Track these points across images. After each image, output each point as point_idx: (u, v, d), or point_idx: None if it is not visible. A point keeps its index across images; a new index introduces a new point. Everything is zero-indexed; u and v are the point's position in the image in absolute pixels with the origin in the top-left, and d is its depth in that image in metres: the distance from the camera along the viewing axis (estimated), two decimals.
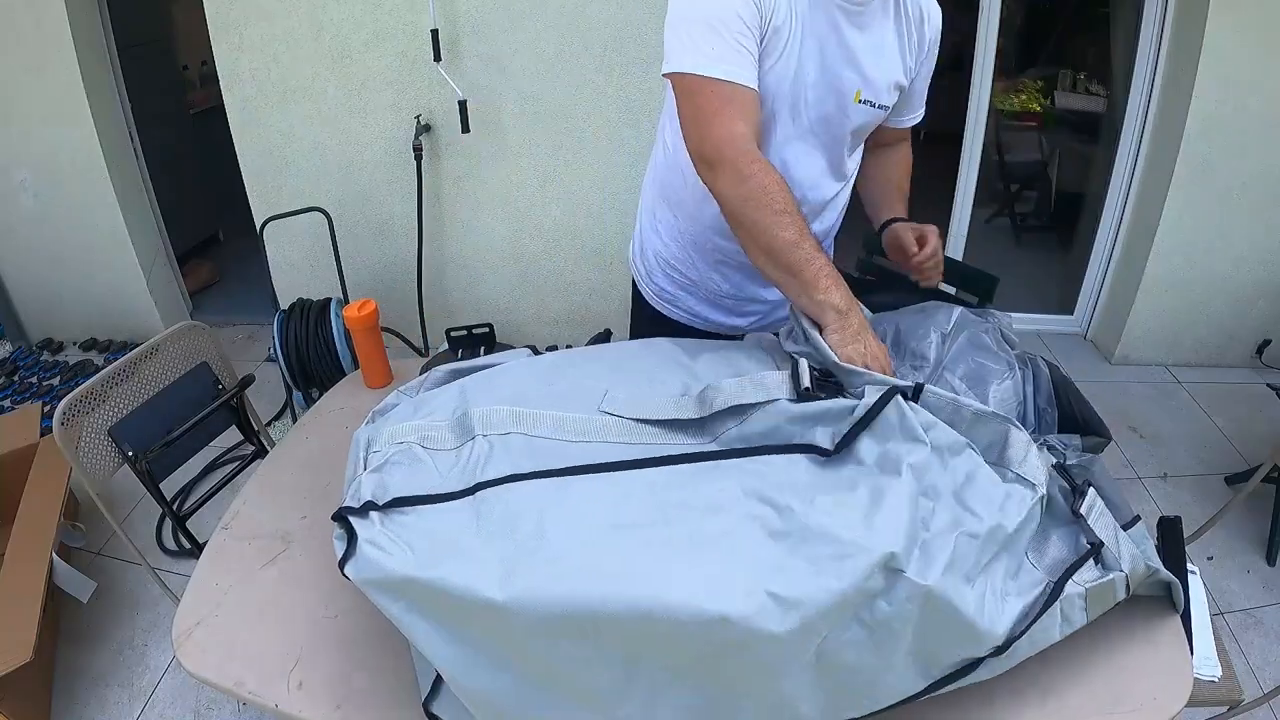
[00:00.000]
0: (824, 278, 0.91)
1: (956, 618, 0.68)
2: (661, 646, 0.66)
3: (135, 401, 1.35)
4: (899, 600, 0.67)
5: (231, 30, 2.51)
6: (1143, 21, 2.50)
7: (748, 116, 0.95)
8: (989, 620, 0.70)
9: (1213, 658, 1.17)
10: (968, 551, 0.71)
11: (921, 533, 0.70)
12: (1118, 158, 2.72)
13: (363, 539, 0.74)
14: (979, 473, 0.77)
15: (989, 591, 0.72)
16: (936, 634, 0.69)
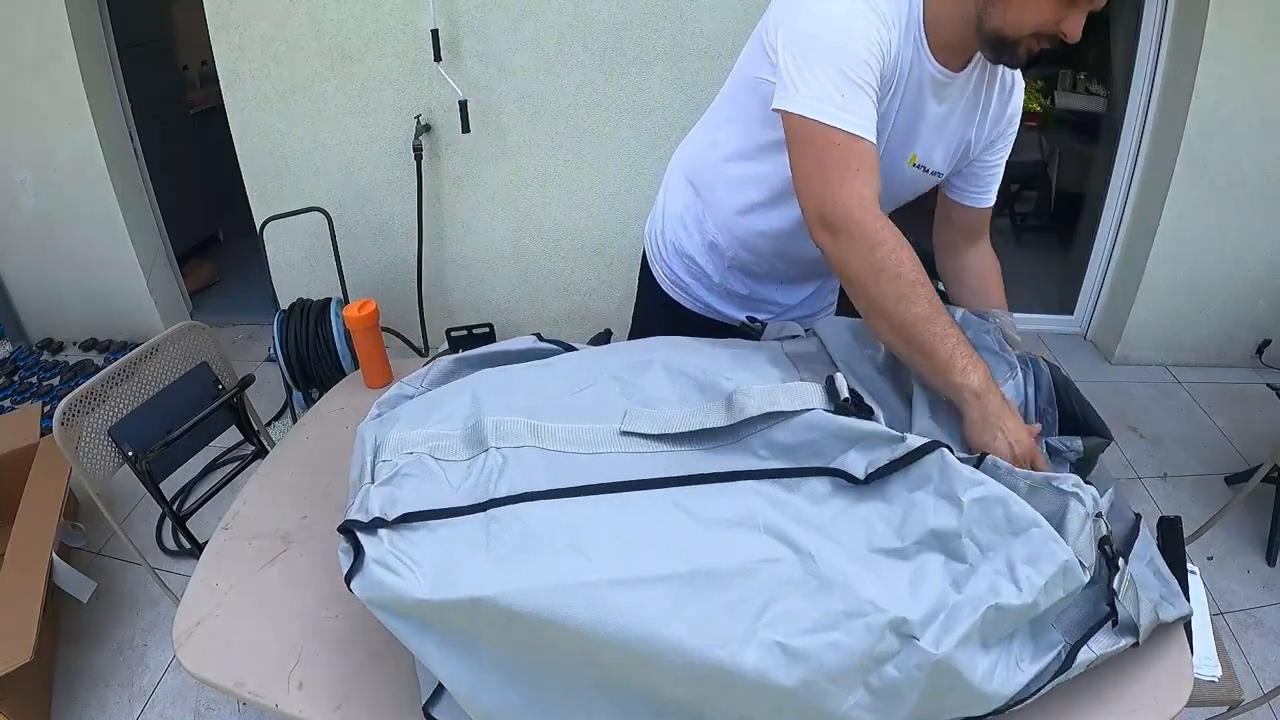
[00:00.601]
0: (960, 357, 0.84)
1: (964, 685, 0.67)
2: (667, 681, 0.66)
3: (135, 401, 1.35)
4: (908, 667, 0.65)
5: (231, 30, 2.51)
6: (1143, 21, 2.50)
7: (873, 178, 0.88)
8: (997, 685, 0.69)
9: (1213, 658, 1.17)
10: (995, 620, 0.68)
11: (951, 596, 0.68)
12: (1118, 158, 2.72)
13: (371, 557, 0.72)
14: (1044, 549, 0.71)
15: (1003, 658, 0.70)
16: (940, 697, 0.68)
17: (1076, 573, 0.70)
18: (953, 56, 0.96)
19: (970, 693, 0.68)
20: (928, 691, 0.67)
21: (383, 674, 0.86)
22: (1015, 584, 0.68)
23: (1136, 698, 0.78)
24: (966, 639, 0.66)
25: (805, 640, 0.64)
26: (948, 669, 0.65)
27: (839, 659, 0.64)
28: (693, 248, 1.24)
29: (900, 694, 0.66)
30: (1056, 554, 0.70)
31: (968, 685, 0.67)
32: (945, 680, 0.66)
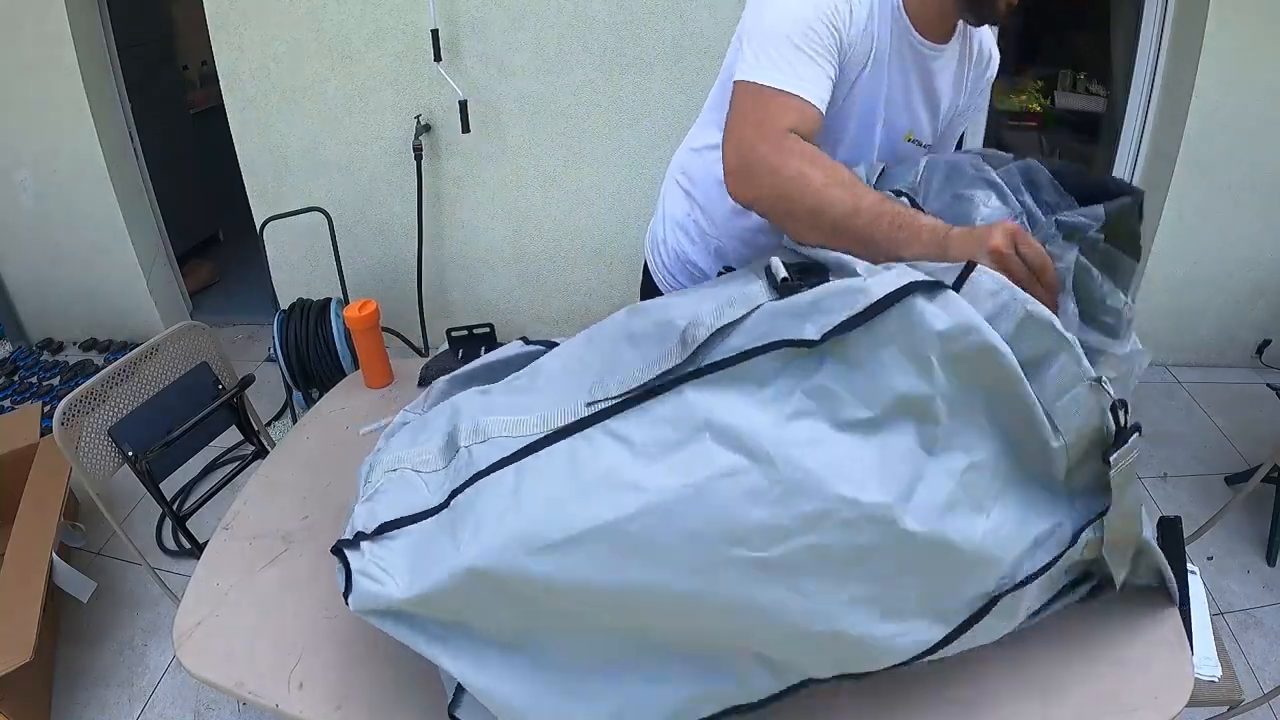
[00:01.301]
0: (899, 230, 0.77)
1: (965, 554, 0.64)
2: (652, 621, 0.67)
3: (135, 401, 1.35)
4: (896, 552, 0.62)
5: (231, 30, 2.51)
6: (1143, 21, 2.49)
7: (801, 127, 0.86)
8: (1004, 546, 0.65)
9: (1213, 658, 1.17)
10: (977, 482, 0.65)
11: (926, 466, 0.64)
12: (1118, 158, 2.72)
13: (355, 570, 0.74)
14: (1015, 395, 0.65)
15: (1003, 519, 0.66)
16: (944, 573, 0.65)
17: (1042, 430, 0.65)
18: (935, 29, 0.98)
19: (975, 560, 0.64)
20: (927, 571, 0.64)
21: (383, 674, 0.86)
22: (991, 440, 0.65)
23: (1136, 698, 0.78)
24: (952, 507, 0.63)
25: (780, 551, 0.61)
26: (940, 543, 0.62)
27: (819, 563, 0.61)
28: (696, 254, 1.23)
29: (897, 581, 0.63)
30: (1035, 412, 0.65)
31: (969, 553, 0.63)
32: (942, 555, 0.63)
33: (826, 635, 0.65)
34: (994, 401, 0.66)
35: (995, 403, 0.66)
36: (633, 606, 0.66)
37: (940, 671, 0.82)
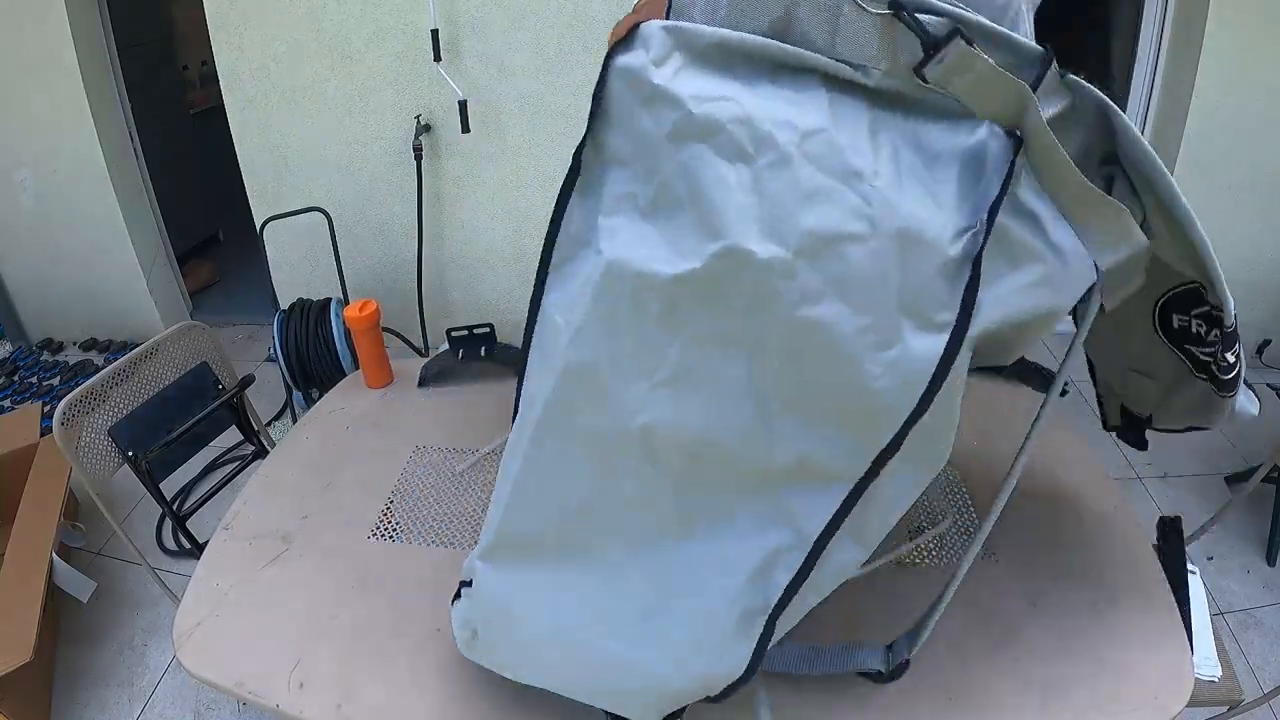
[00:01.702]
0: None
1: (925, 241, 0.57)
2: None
3: (135, 401, 1.35)
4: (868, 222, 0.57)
5: (231, 30, 2.51)
6: (1143, 21, 2.49)
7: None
8: (936, 227, 0.58)
9: (1213, 658, 1.17)
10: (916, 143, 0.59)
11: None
12: None
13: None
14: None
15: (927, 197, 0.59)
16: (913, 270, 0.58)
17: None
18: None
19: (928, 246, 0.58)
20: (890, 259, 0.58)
21: (383, 674, 0.86)
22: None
23: (1136, 698, 0.78)
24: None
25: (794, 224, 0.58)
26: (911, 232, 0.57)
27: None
28: None
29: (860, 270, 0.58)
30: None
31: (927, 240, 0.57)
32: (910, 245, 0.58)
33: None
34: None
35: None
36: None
37: (940, 671, 0.82)
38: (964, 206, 0.58)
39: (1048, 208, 0.60)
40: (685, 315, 0.62)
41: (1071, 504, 1.05)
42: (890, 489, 0.64)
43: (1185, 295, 0.76)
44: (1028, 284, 0.59)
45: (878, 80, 0.58)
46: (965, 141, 0.59)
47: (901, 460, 0.62)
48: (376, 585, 0.97)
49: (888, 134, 0.59)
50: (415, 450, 1.23)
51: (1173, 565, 0.89)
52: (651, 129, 0.60)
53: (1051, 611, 0.89)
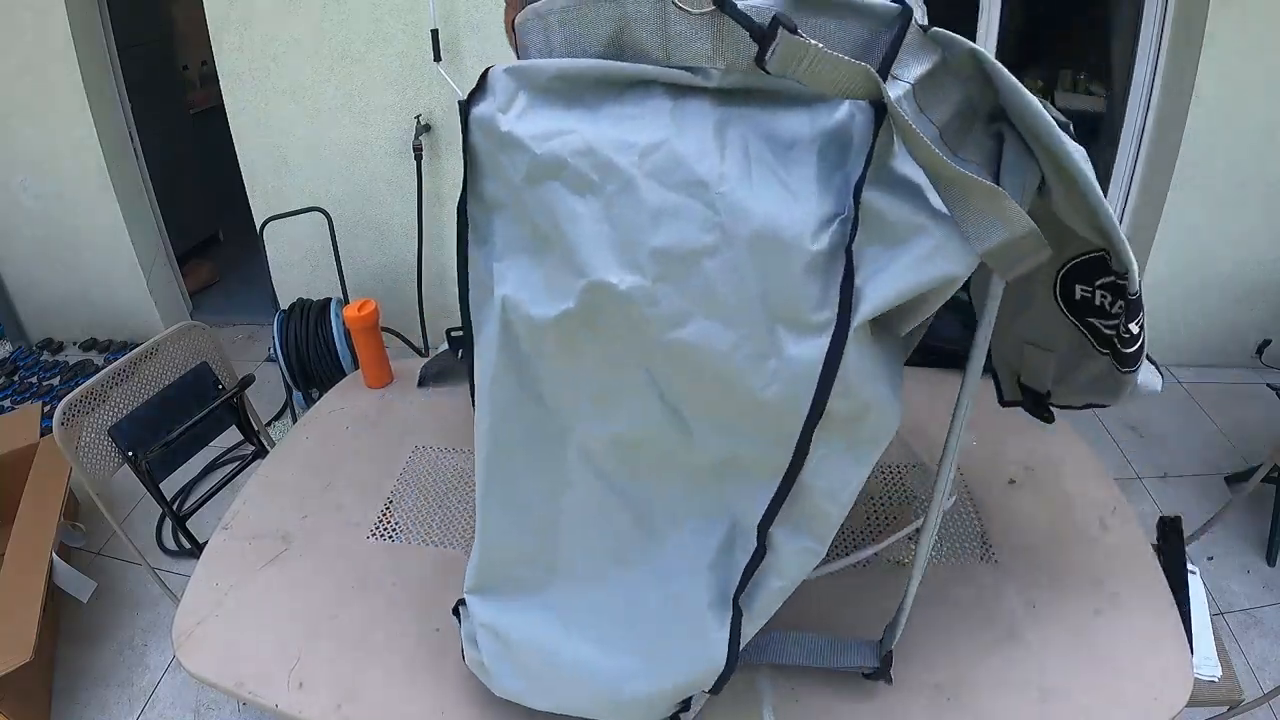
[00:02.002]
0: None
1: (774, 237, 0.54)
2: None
3: (135, 401, 1.35)
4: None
5: (231, 30, 2.51)
6: (1143, 21, 2.49)
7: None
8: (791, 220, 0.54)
9: (1213, 658, 1.17)
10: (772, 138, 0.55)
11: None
12: (1118, 158, 2.72)
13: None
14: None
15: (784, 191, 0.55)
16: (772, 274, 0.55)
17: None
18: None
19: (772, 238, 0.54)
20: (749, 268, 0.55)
21: (383, 673, 0.86)
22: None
23: (1137, 698, 0.78)
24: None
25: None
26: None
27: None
28: None
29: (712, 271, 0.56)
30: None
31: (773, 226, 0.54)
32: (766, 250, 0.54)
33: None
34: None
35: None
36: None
37: (940, 671, 0.82)
38: (827, 194, 0.54)
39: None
40: (581, 346, 0.63)
41: (1071, 504, 1.05)
42: (826, 477, 0.62)
43: (1089, 264, 0.70)
44: (915, 259, 0.54)
45: (719, 80, 0.55)
46: (825, 123, 0.54)
47: (827, 446, 0.60)
48: (376, 585, 0.97)
49: (737, 129, 0.55)
50: (415, 450, 1.23)
51: (1173, 565, 0.89)
52: (512, 174, 0.61)
53: (1051, 612, 0.89)
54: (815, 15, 0.52)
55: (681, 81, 0.56)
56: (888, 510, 1.07)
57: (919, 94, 0.53)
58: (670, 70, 0.56)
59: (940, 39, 0.54)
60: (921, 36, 0.53)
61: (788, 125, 0.55)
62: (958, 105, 0.55)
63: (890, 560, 0.98)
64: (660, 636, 0.71)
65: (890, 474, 1.14)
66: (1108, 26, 3.06)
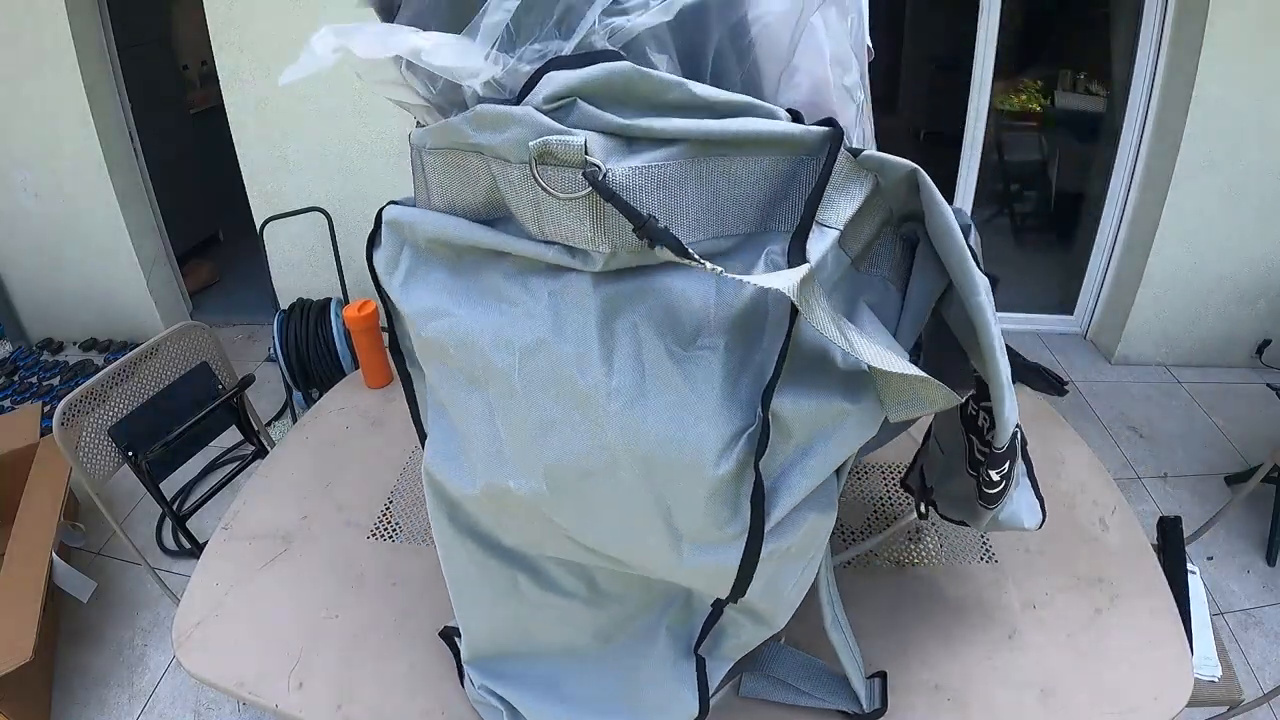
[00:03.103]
0: None
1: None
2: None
3: (135, 401, 1.35)
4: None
5: (231, 30, 2.51)
6: (1143, 21, 2.49)
7: None
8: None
9: (1213, 658, 1.17)
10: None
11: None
12: (1118, 157, 2.72)
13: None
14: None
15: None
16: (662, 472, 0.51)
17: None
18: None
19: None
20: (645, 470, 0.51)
21: (383, 673, 0.86)
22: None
23: (1137, 698, 0.78)
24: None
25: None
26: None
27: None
28: None
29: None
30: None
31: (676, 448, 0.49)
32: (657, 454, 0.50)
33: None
34: None
35: None
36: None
37: (939, 671, 0.82)
38: (733, 405, 0.48)
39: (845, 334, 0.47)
40: (495, 519, 0.63)
41: (1071, 504, 1.05)
42: (761, 595, 0.60)
43: (983, 383, 0.65)
44: (834, 445, 0.52)
45: (605, 262, 0.47)
46: (733, 301, 0.47)
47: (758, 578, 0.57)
48: (376, 585, 0.97)
49: (627, 319, 0.48)
50: (415, 450, 1.23)
51: (1173, 565, 0.89)
52: (412, 340, 0.59)
53: (1051, 612, 0.89)
54: (721, 157, 0.45)
55: (560, 262, 0.48)
56: (889, 510, 1.07)
57: (845, 235, 0.47)
58: (549, 250, 0.48)
59: (872, 164, 0.48)
60: (852, 164, 0.47)
61: (689, 304, 0.47)
62: (878, 226, 0.51)
63: (891, 561, 0.98)
64: (639, 695, 0.73)
65: (891, 473, 1.14)
66: (1108, 26, 3.06)
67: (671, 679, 0.70)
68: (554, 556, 0.67)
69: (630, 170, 0.44)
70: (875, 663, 0.84)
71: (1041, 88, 3.74)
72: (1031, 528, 0.76)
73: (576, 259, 0.47)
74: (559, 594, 0.69)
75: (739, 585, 0.55)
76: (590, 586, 0.69)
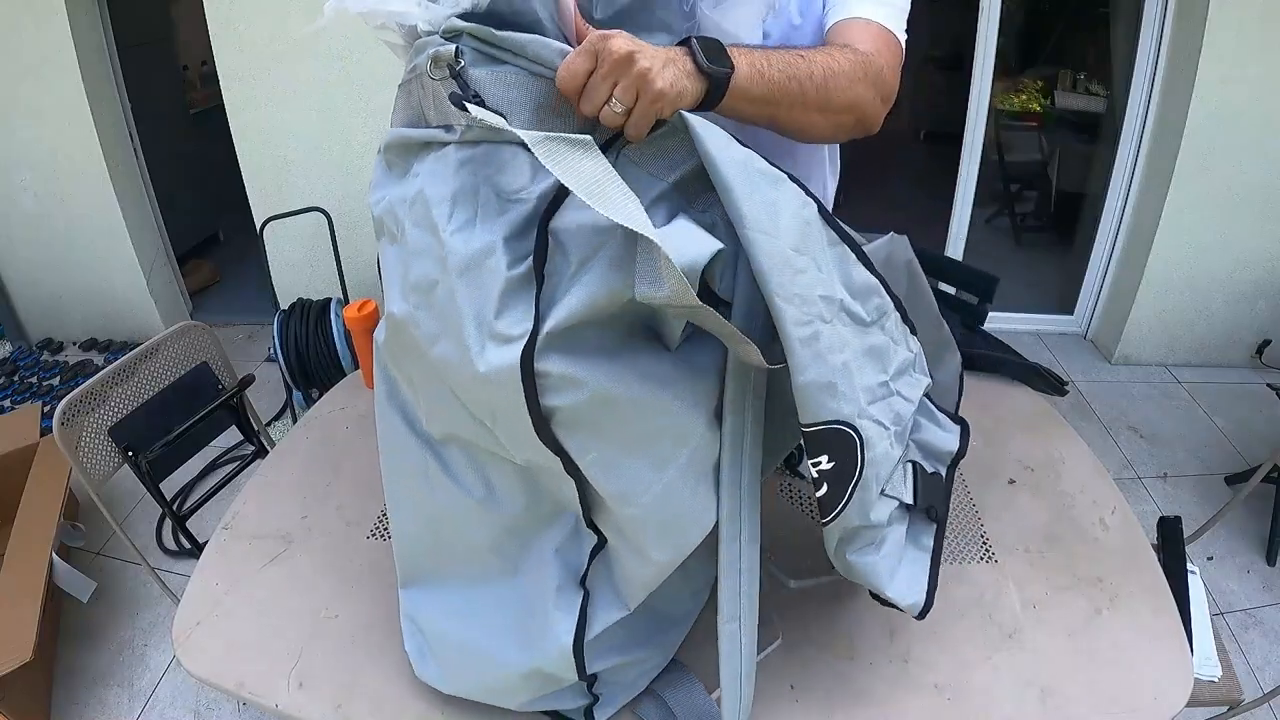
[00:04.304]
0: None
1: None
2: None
3: (135, 401, 1.35)
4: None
5: (231, 30, 2.51)
6: (1143, 21, 2.50)
7: None
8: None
9: (1213, 658, 1.17)
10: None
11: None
12: (1118, 158, 2.72)
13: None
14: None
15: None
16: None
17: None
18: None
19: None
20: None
21: (383, 673, 0.86)
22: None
23: (1136, 698, 0.78)
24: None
25: None
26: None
27: None
28: None
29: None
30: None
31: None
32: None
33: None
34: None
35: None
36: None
37: (939, 671, 0.82)
38: (529, 229, 0.63)
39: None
40: (403, 364, 0.77)
41: (1071, 504, 1.05)
42: (611, 481, 0.65)
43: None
44: (597, 275, 0.61)
45: (462, 134, 0.66)
46: (542, 186, 0.64)
47: (588, 448, 0.64)
48: (376, 585, 0.97)
49: (469, 171, 0.66)
50: None
51: (1173, 565, 0.89)
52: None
53: (1051, 611, 0.89)
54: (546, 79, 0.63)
55: (439, 139, 0.69)
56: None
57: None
58: (437, 131, 0.69)
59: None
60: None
61: (514, 165, 0.65)
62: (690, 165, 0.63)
63: None
64: (524, 620, 0.74)
65: None
66: (1108, 26, 3.06)
67: (554, 607, 0.71)
68: (448, 432, 0.75)
69: (486, 72, 0.65)
70: (875, 663, 0.84)
71: (1041, 88, 3.74)
72: (896, 600, 0.72)
73: (449, 134, 0.67)
74: (460, 488, 0.75)
75: (530, 395, 0.61)
76: (485, 484, 0.75)
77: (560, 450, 0.64)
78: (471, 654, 0.77)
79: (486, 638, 0.76)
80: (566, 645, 0.70)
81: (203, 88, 3.80)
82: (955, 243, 2.93)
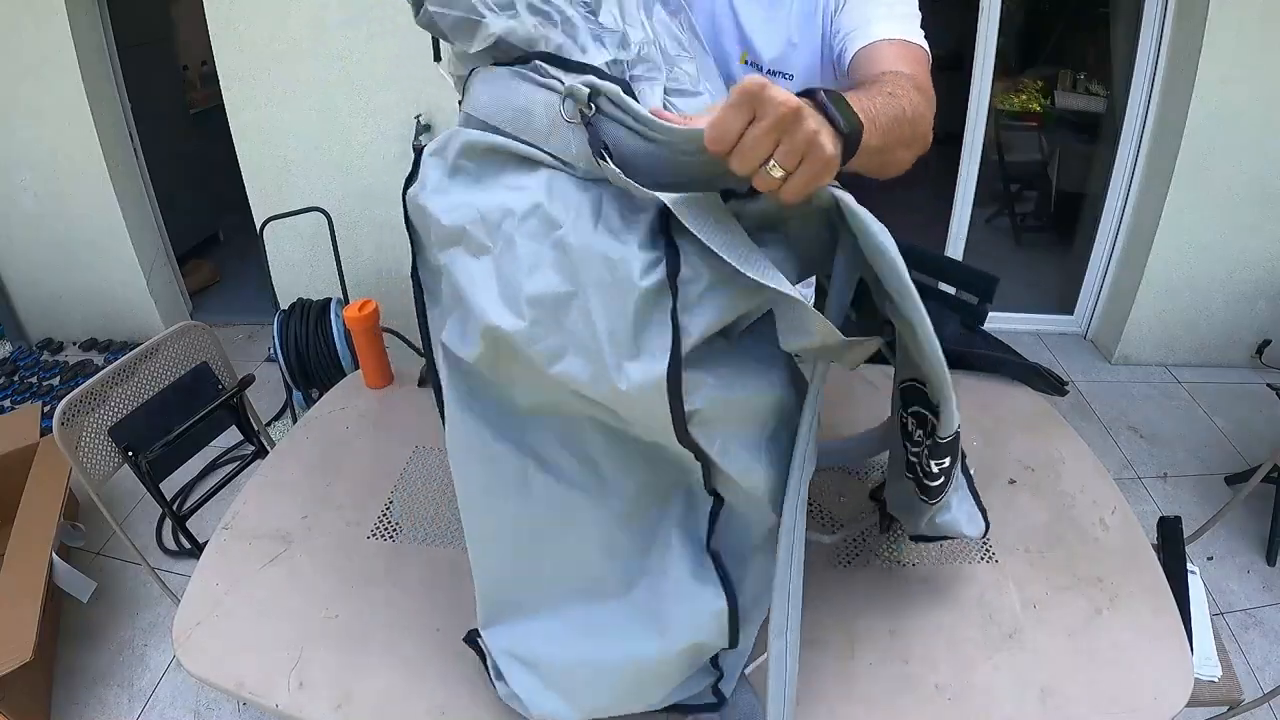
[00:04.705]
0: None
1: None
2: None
3: (135, 401, 1.35)
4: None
5: (231, 30, 2.51)
6: (1143, 21, 2.50)
7: None
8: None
9: (1213, 658, 1.17)
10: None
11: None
12: (1118, 158, 2.72)
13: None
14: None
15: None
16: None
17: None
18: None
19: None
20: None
21: (383, 673, 0.86)
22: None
23: (1136, 698, 0.78)
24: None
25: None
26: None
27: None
28: None
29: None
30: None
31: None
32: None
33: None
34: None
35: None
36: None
37: (939, 671, 0.82)
38: (657, 241, 0.62)
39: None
40: (507, 376, 0.72)
41: (1071, 504, 1.05)
42: (732, 463, 0.68)
43: (912, 389, 0.74)
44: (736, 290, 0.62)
45: (583, 173, 0.66)
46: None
47: (718, 440, 0.67)
48: (376, 585, 0.97)
49: (594, 192, 0.66)
50: (415, 450, 1.23)
51: (1173, 565, 0.89)
52: (433, 240, 0.73)
53: (1051, 611, 0.89)
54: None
55: (557, 166, 0.67)
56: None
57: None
58: (548, 156, 0.67)
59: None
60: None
61: (638, 197, 0.63)
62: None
63: (891, 560, 0.98)
64: (659, 608, 0.73)
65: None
66: (1108, 26, 3.06)
67: (693, 583, 0.71)
68: (555, 431, 0.73)
69: (614, 126, 0.62)
70: (876, 663, 0.84)
71: (1041, 88, 3.74)
72: (973, 535, 0.86)
73: (566, 167, 0.67)
74: (565, 484, 0.73)
75: (675, 407, 0.62)
76: (594, 471, 0.73)
77: (694, 446, 0.66)
78: (604, 667, 0.75)
79: (619, 642, 0.74)
80: (721, 610, 0.71)
81: (203, 88, 3.81)
82: (955, 242, 2.93)
